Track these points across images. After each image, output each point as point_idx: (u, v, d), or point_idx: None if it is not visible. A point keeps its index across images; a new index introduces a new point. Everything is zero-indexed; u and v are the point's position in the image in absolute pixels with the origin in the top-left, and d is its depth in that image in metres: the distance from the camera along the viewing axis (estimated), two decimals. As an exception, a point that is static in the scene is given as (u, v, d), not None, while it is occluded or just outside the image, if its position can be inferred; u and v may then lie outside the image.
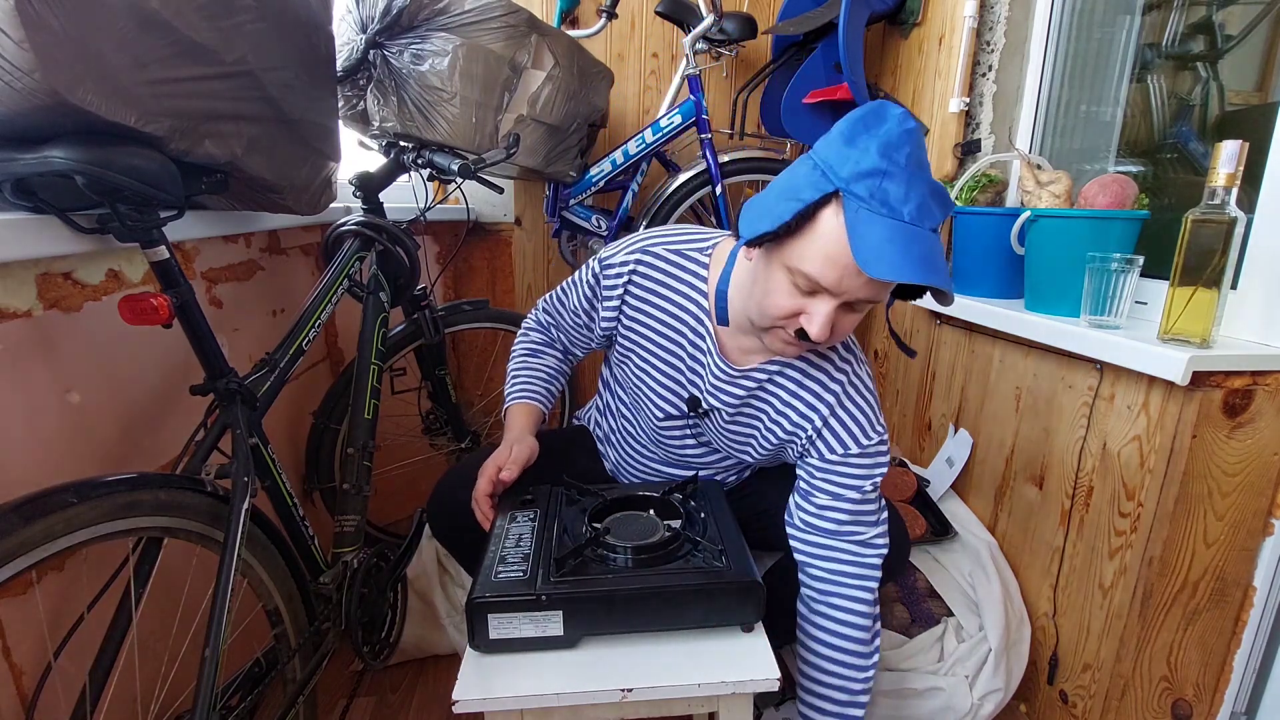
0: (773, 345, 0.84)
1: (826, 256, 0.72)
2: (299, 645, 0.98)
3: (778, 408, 0.93)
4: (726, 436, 0.98)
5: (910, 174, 0.69)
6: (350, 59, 1.19)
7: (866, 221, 0.69)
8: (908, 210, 0.69)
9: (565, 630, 0.74)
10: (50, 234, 0.73)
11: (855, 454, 0.89)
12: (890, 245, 0.67)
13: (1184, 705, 1.08)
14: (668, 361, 0.97)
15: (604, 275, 0.97)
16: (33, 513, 0.63)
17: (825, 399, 0.89)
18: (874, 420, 0.91)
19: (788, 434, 0.92)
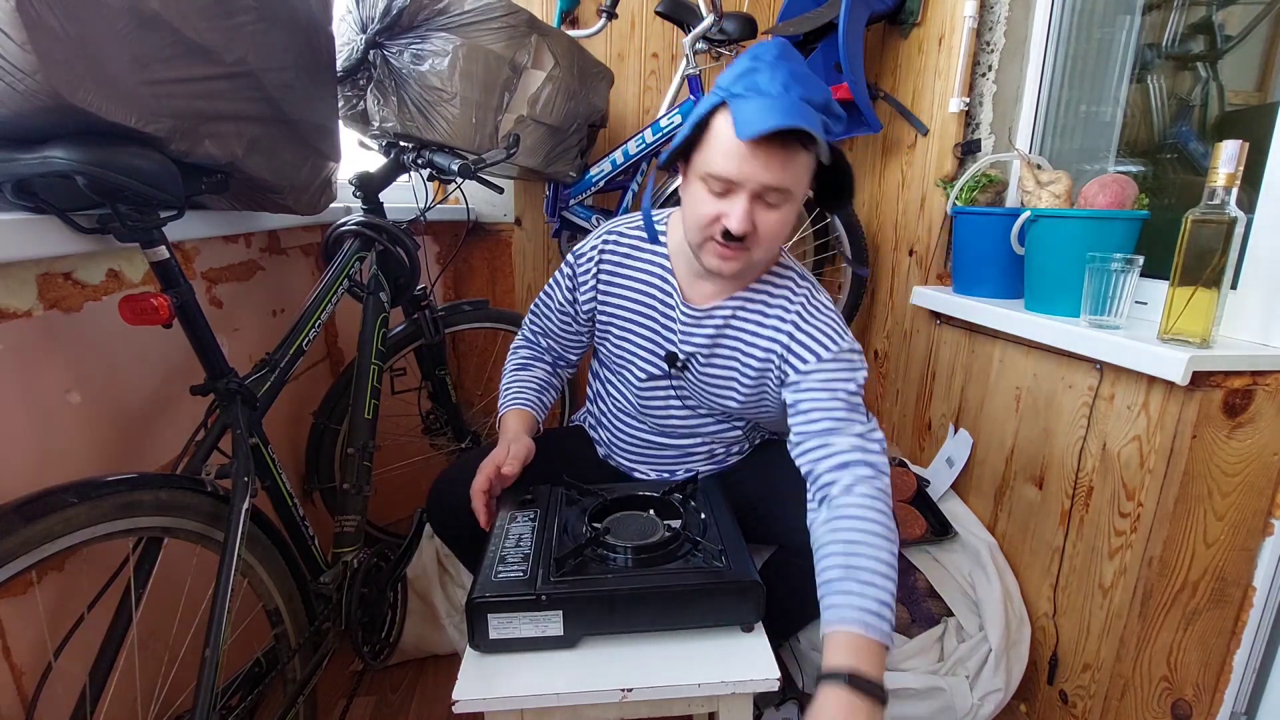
0: (709, 262, 0.91)
1: (724, 152, 0.82)
2: (299, 645, 0.98)
3: (747, 340, 0.98)
4: (706, 385, 1.01)
5: (774, 65, 0.81)
6: (350, 59, 1.19)
7: (742, 108, 0.80)
8: (775, 88, 0.79)
9: (565, 630, 0.74)
10: (51, 234, 0.73)
11: (829, 360, 0.92)
12: (760, 113, 0.78)
13: (1184, 705, 1.08)
14: (643, 324, 1.03)
15: (578, 264, 1.06)
16: (33, 513, 0.63)
17: (788, 319, 0.96)
18: (839, 330, 0.95)
19: (761, 362, 0.97)
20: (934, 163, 1.58)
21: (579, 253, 1.07)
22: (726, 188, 0.84)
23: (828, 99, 0.82)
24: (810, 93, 0.81)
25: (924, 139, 1.61)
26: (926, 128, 1.60)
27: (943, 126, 1.54)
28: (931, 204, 1.60)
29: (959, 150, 1.51)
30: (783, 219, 0.88)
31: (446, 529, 1.08)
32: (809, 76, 0.81)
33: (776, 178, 0.82)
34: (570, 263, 1.07)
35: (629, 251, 1.04)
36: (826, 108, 0.83)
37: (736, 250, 0.88)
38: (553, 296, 1.11)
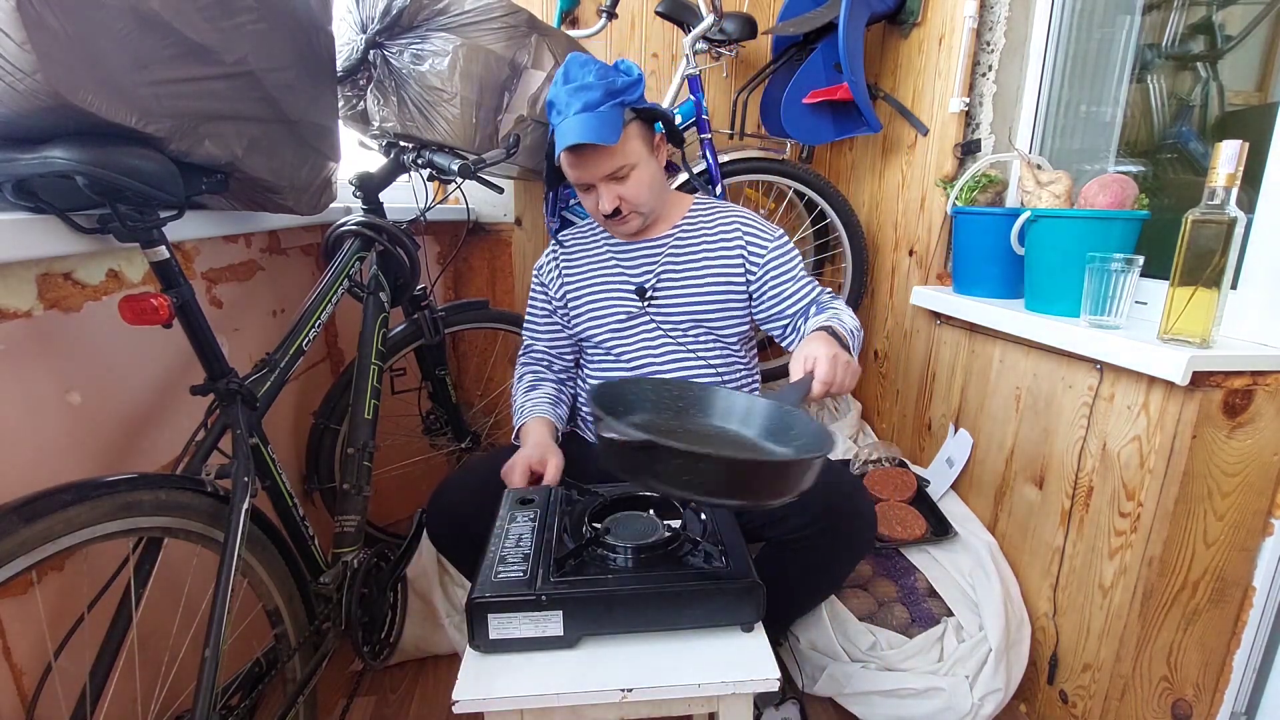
0: (614, 232, 1.18)
1: (566, 166, 1.10)
2: (299, 645, 0.98)
3: (701, 249, 1.17)
4: (677, 298, 1.16)
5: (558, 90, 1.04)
6: (350, 59, 1.19)
7: (557, 130, 1.06)
8: (562, 111, 1.04)
9: (565, 630, 0.74)
10: (50, 234, 0.73)
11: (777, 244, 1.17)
12: (562, 135, 1.03)
13: (1184, 705, 1.08)
14: (602, 275, 1.20)
15: (542, 271, 1.26)
16: (33, 513, 0.63)
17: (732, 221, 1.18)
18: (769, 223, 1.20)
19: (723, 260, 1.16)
20: (934, 163, 1.58)
21: (539, 264, 1.27)
22: (585, 186, 1.10)
23: (607, 88, 1.03)
24: (588, 99, 1.02)
25: (924, 139, 1.61)
26: (926, 128, 1.60)
27: (943, 126, 1.54)
28: (931, 204, 1.60)
29: (959, 150, 1.51)
30: (639, 180, 1.09)
31: (446, 543, 1.09)
32: (584, 86, 1.03)
33: (604, 166, 1.06)
34: (536, 274, 1.27)
35: (575, 237, 1.26)
36: (607, 94, 1.02)
37: (621, 219, 1.12)
38: (535, 308, 1.27)
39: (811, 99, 1.61)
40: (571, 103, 1.02)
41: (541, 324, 1.26)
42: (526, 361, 1.29)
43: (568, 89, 1.03)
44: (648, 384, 0.91)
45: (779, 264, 1.15)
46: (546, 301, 1.25)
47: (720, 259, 1.16)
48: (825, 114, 1.66)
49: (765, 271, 1.15)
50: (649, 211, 1.13)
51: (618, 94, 1.04)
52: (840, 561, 1.07)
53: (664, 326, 1.17)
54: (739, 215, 1.20)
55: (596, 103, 1.02)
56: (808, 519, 0.97)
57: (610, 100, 1.03)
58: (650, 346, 1.17)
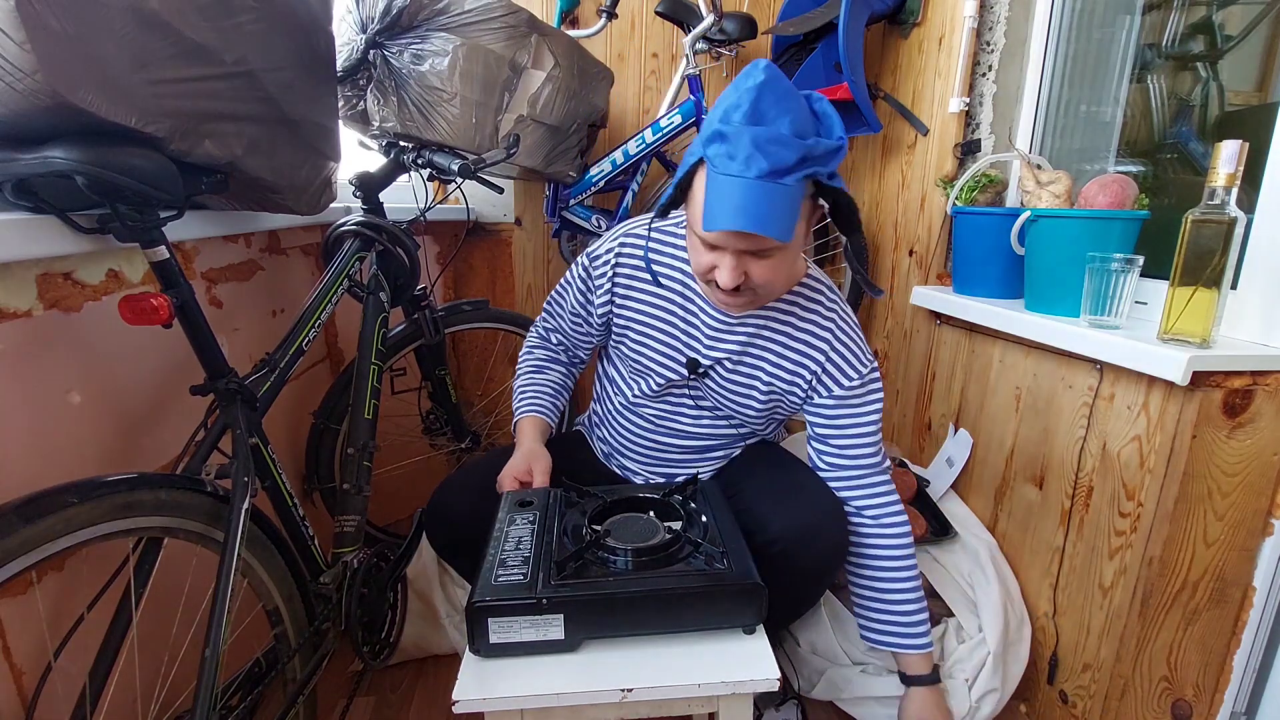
0: (712, 298, 0.95)
1: (698, 215, 0.83)
2: (299, 645, 0.98)
3: (778, 352, 1.00)
4: (726, 392, 1.04)
5: (741, 129, 0.77)
6: (350, 59, 1.19)
7: (713, 180, 0.79)
8: (739, 163, 0.77)
9: (566, 634, 0.74)
10: (50, 234, 0.73)
11: (859, 382, 1.00)
12: (723, 201, 0.78)
13: (1184, 705, 1.08)
14: (663, 329, 1.03)
15: (593, 267, 1.06)
16: (33, 513, 0.63)
17: (823, 336, 1.00)
18: (866, 350, 1.03)
19: (790, 375, 1.01)
20: (934, 163, 1.58)
21: (594, 255, 1.05)
22: (712, 245, 0.85)
23: (805, 153, 0.78)
24: (779, 160, 0.77)
25: (924, 139, 1.61)
26: (926, 128, 1.60)
27: (943, 126, 1.54)
28: (931, 204, 1.60)
29: (959, 150, 1.51)
30: (777, 264, 0.87)
31: (445, 546, 1.08)
32: (777, 139, 0.76)
33: (758, 244, 0.82)
34: (585, 265, 1.06)
35: (643, 258, 1.03)
36: (802, 162, 0.78)
37: (736, 296, 0.89)
38: (565, 298, 1.12)
39: (811, 99, 1.61)
40: (755, 157, 0.76)
41: (568, 319, 1.14)
42: (542, 335, 1.19)
43: (755, 133, 0.76)
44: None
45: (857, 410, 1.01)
46: (583, 305, 1.09)
47: (794, 372, 1.01)
48: (825, 114, 1.66)
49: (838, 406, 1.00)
50: (769, 297, 0.95)
51: (813, 163, 0.79)
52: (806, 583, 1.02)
53: (700, 403, 1.06)
54: (835, 327, 1.00)
55: (786, 169, 0.77)
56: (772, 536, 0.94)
57: (802, 170, 0.78)
58: (676, 411, 1.09)
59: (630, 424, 1.13)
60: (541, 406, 1.12)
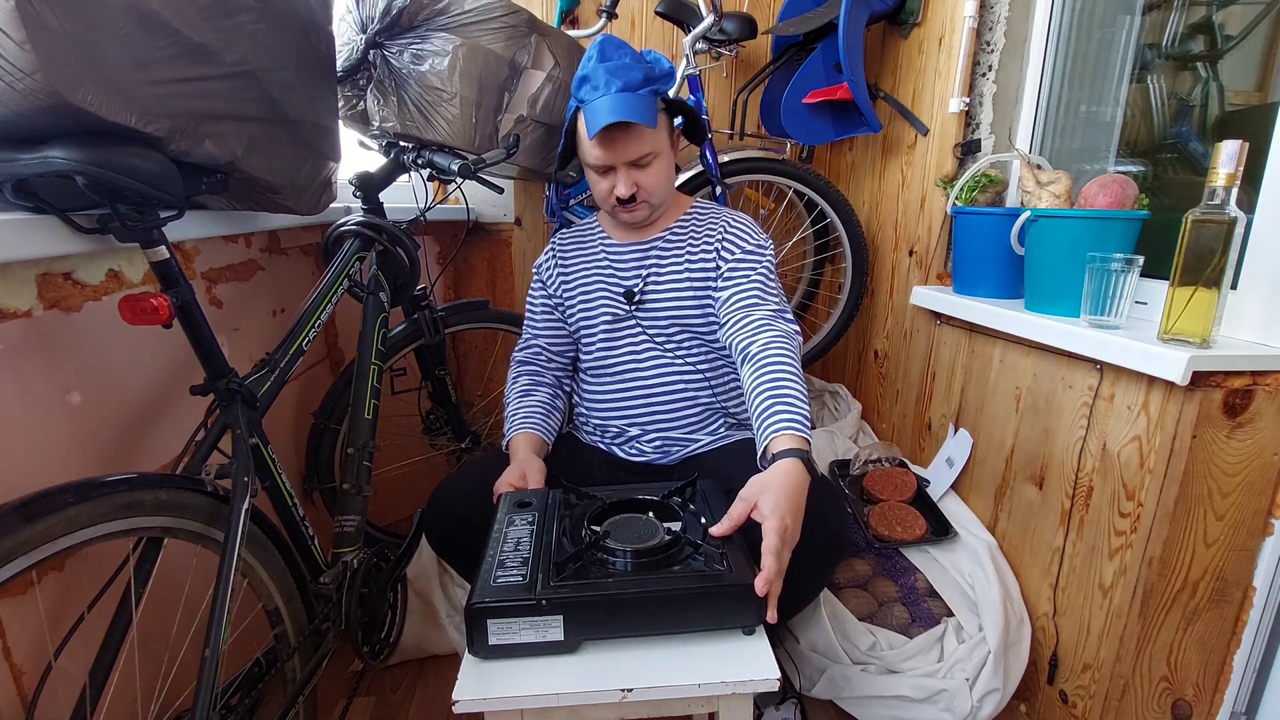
0: (622, 219, 1.15)
1: (589, 146, 1.07)
2: (299, 645, 0.98)
3: (680, 252, 1.16)
4: (661, 305, 1.15)
5: (595, 70, 1.03)
6: (350, 59, 1.19)
7: (586, 110, 1.05)
8: (600, 87, 1.03)
9: (566, 635, 0.74)
10: (50, 234, 0.73)
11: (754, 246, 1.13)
12: (598, 112, 1.02)
13: (1184, 705, 1.08)
14: (598, 279, 1.19)
15: (541, 269, 1.26)
16: (33, 513, 0.63)
17: (717, 222, 1.17)
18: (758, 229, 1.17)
19: (700, 261, 1.14)
20: (934, 163, 1.58)
21: (538, 262, 1.27)
22: (605, 168, 1.08)
23: (646, 73, 1.04)
24: (629, 79, 1.02)
25: (924, 139, 1.61)
26: (926, 128, 1.60)
27: (943, 126, 1.54)
28: (931, 204, 1.60)
29: (959, 150, 1.51)
30: (657, 170, 1.10)
31: (443, 547, 1.09)
32: (623, 66, 1.03)
33: (633, 150, 1.06)
34: (536, 271, 1.27)
35: (573, 236, 1.26)
36: (646, 79, 1.04)
37: (634, 207, 1.11)
38: (534, 305, 1.26)
39: (811, 99, 1.61)
40: (612, 81, 1.01)
41: (540, 320, 1.25)
42: (524, 360, 1.26)
43: (606, 66, 1.02)
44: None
45: (744, 263, 1.11)
46: (546, 298, 1.24)
47: (700, 259, 1.14)
48: (825, 114, 1.66)
49: (730, 266, 1.12)
50: (659, 203, 1.14)
51: (655, 81, 1.05)
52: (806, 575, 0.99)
53: (650, 332, 1.16)
54: (729, 217, 1.17)
55: (636, 84, 1.02)
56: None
57: (649, 85, 1.04)
58: (635, 353, 1.16)
59: (609, 394, 1.18)
60: (534, 424, 1.14)
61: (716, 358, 1.18)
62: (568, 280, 1.22)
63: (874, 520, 1.40)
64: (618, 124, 1.01)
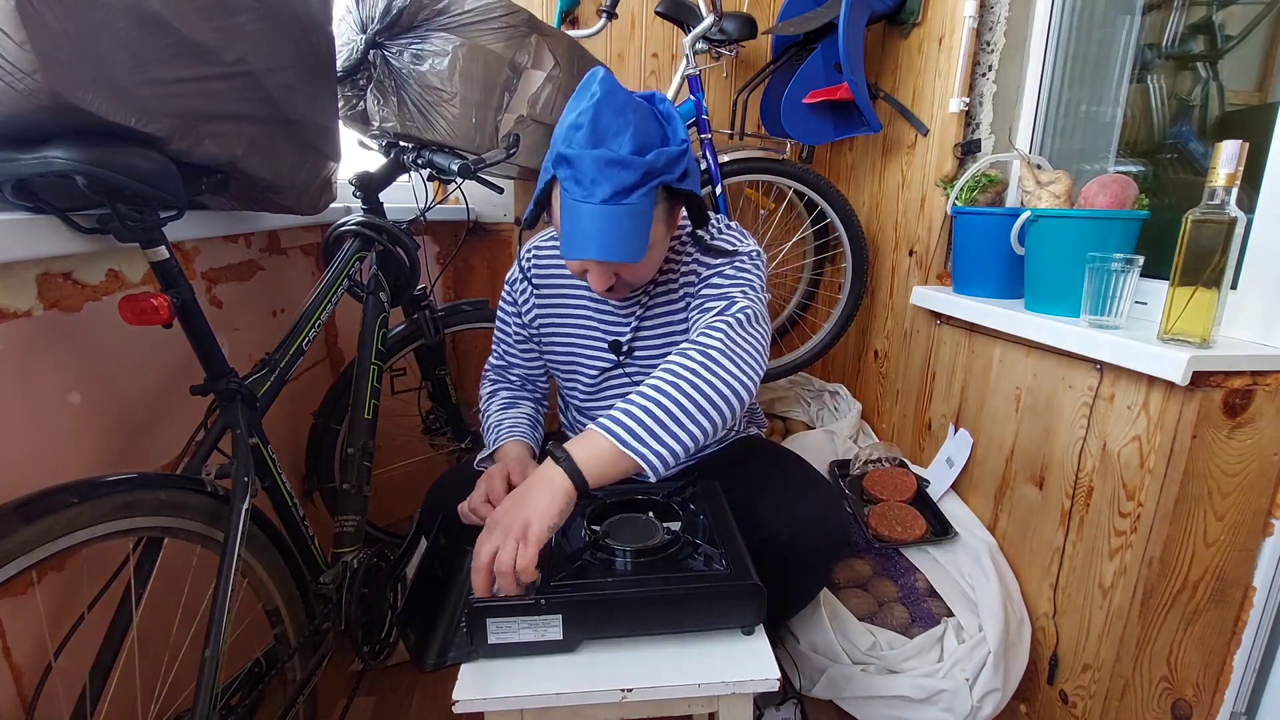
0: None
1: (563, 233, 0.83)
2: (299, 645, 0.98)
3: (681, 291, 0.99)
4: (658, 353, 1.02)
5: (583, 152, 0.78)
6: (350, 59, 1.19)
7: (565, 205, 0.81)
8: (584, 187, 0.79)
9: (565, 635, 0.74)
10: (50, 234, 0.73)
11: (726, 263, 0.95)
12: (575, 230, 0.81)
13: (1184, 705, 1.08)
14: (578, 326, 1.06)
15: (513, 288, 1.11)
16: (33, 513, 0.63)
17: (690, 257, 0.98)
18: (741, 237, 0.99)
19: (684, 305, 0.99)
20: (934, 163, 1.58)
21: (509, 278, 1.12)
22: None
23: (647, 168, 0.79)
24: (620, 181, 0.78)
25: (924, 139, 1.61)
26: (926, 128, 1.60)
27: (943, 126, 1.54)
28: (931, 204, 1.60)
29: (959, 150, 1.51)
30: (646, 262, 0.89)
31: None
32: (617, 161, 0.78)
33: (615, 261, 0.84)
34: (505, 289, 1.13)
35: (549, 260, 1.09)
36: (646, 175, 0.80)
37: (610, 294, 0.93)
38: (506, 327, 1.15)
39: (811, 99, 1.61)
40: (600, 181, 0.78)
41: (514, 344, 1.15)
42: (496, 377, 1.18)
43: (598, 159, 0.78)
44: None
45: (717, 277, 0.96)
46: (520, 325, 1.12)
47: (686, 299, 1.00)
48: (825, 114, 1.66)
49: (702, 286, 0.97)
50: (642, 285, 0.97)
51: (657, 175, 0.81)
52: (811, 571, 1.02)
53: (637, 381, 1.03)
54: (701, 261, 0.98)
55: (630, 188, 0.79)
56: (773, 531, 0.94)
57: (646, 185, 0.80)
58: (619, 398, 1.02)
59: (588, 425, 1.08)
60: (522, 434, 1.06)
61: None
62: (544, 316, 1.09)
63: (874, 520, 1.40)
64: None
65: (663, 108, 0.86)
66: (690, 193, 0.88)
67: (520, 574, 0.70)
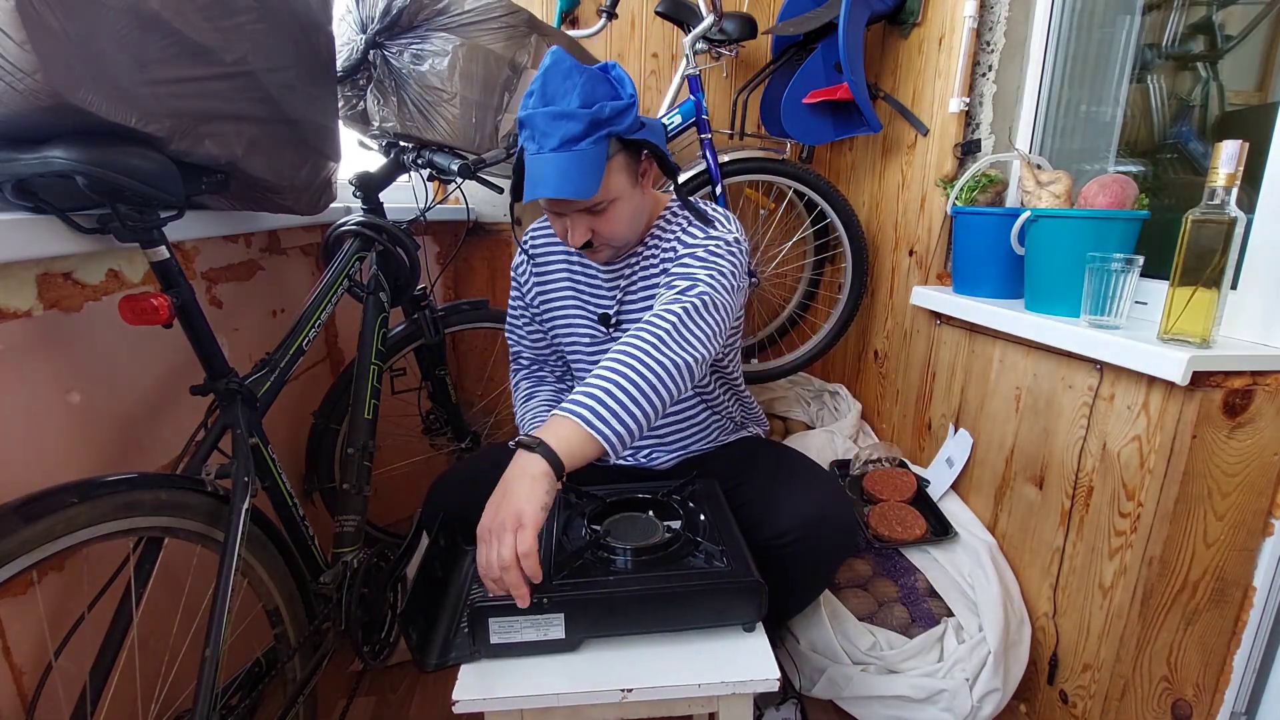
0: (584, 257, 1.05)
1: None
2: (299, 645, 0.98)
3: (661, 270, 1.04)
4: None
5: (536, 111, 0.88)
6: (350, 59, 1.19)
7: (527, 161, 0.91)
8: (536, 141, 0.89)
9: (567, 633, 0.74)
10: (50, 234, 0.73)
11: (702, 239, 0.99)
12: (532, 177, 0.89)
13: (1184, 705, 1.08)
14: (572, 299, 1.12)
15: (516, 272, 1.18)
16: (33, 513, 0.63)
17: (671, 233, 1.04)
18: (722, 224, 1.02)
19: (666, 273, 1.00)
20: (934, 163, 1.58)
21: (514, 264, 1.19)
22: (555, 212, 0.97)
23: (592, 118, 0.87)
24: (567, 131, 0.87)
25: (924, 139, 1.61)
26: (926, 128, 1.60)
27: (943, 126, 1.54)
28: (931, 204, 1.60)
29: (959, 150, 1.51)
30: (617, 215, 0.96)
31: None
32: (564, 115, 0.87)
33: (581, 203, 0.92)
34: (513, 277, 1.19)
35: (544, 239, 1.16)
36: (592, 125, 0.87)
37: (592, 252, 1.01)
38: (514, 313, 1.21)
39: (811, 99, 1.61)
40: (549, 133, 0.87)
41: (523, 330, 1.22)
42: (518, 369, 1.25)
43: (546, 114, 0.87)
44: None
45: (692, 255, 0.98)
46: (525, 309, 1.19)
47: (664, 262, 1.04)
48: (825, 114, 1.66)
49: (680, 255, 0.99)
50: (623, 244, 1.01)
51: (603, 124, 0.88)
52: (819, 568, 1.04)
53: None
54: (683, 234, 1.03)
55: (578, 136, 0.87)
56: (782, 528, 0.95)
57: (594, 134, 0.88)
58: None
59: None
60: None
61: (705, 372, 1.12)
62: (544, 294, 1.15)
63: (874, 520, 1.40)
64: None
65: (614, 73, 0.94)
66: (646, 141, 0.95)
67: (523, 559, 0.70)
